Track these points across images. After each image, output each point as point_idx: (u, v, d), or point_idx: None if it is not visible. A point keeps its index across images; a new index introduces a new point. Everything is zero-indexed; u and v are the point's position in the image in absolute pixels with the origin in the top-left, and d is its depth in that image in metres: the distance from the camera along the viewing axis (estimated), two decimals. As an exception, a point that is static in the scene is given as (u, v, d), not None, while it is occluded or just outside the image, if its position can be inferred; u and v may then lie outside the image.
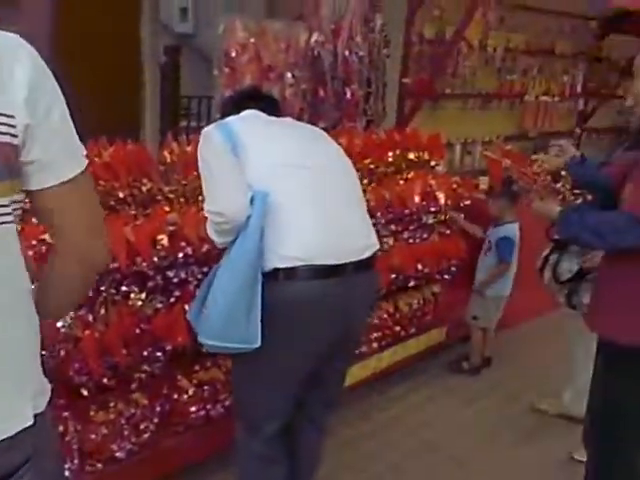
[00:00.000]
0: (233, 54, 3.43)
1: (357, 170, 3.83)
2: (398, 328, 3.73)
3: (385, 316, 3.65)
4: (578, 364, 3.40)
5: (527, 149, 6.69)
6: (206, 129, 2.23)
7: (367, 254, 2.22)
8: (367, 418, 3.53)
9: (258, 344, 2.07)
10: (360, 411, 3.58)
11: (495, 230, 4.06)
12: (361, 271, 2.19)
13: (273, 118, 2.39)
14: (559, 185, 2.38)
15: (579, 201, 2.40)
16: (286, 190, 2.12)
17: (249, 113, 2.37)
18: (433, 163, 4.41)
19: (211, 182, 2.16)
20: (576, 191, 2.42)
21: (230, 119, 2.27)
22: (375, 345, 3.62)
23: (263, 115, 2.37)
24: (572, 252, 3.02)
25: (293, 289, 2.10)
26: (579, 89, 7.47)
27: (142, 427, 2.55)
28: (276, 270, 2.08)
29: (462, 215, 4.20)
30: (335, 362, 2.35)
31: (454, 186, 4.31)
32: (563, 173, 2.45)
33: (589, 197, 2.44)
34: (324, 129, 4.06)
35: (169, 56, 8.59)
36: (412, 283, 3.91)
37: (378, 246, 2.32)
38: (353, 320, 2.25)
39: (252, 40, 3.48)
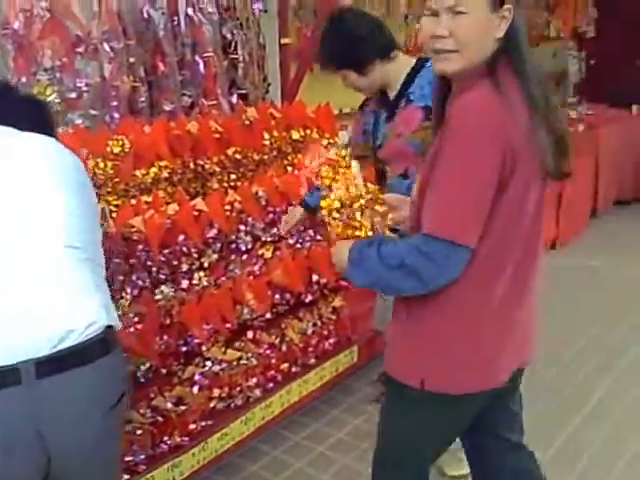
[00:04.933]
0: (16, 25, 2.48)
1: (218, 164, 3.04)
2: (286, 365, 2.89)
3: (268, 352, 2.80)
4: None
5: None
6: None
7: (73, 341, 1.37)
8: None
9: None
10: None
11: None
12: (60, 370, 1.35)
13: None
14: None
15: None
16: None
17: None
18: (326, 142, 3.58)
19: None
20: None
21: None
22: (257, 392, 2.78)
23: None
24: None
25: None
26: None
27: None
28: None
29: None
30: None
31: (353, 168, 3.47)
32: None
33: None
34: (171, 113, 3.20)
35: None
36: (309, 298, 3.08)
37: (106, 322, 1.46)
38: (62, 449, 1.39)
39: (43, 4, 2.52)
